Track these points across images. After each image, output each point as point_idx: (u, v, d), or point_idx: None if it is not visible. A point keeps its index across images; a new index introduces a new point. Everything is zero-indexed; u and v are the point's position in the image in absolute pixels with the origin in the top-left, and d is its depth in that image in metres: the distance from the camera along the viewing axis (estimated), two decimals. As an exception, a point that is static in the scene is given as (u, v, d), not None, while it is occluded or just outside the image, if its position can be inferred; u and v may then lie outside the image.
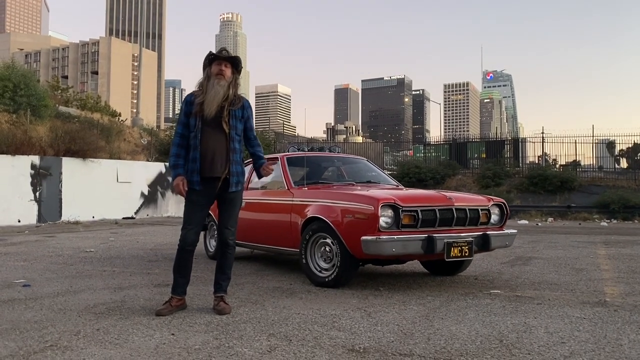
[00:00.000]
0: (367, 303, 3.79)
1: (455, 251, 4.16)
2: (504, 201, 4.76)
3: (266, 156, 5.13)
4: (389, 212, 4.08)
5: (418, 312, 3.50)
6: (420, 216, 4.16)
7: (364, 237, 4.01)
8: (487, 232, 4.42)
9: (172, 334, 2.91)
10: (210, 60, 3.54)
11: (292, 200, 4.94)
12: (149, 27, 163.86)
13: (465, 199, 4.56)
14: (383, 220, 4.04)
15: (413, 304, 3.76)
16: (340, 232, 4.25)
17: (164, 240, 8.87)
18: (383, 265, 4.90)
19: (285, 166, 5.37)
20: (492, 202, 4.64)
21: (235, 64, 3.56)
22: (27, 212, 13.10)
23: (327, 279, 4.38)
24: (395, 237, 4.01)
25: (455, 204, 4.33)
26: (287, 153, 5.75)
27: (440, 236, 4.11)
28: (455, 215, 4.30)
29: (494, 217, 4.65)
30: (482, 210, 4.52)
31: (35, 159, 13.51)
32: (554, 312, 3.53)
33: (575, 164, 23.05)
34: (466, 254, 4.24)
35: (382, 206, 4.03)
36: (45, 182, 13.64)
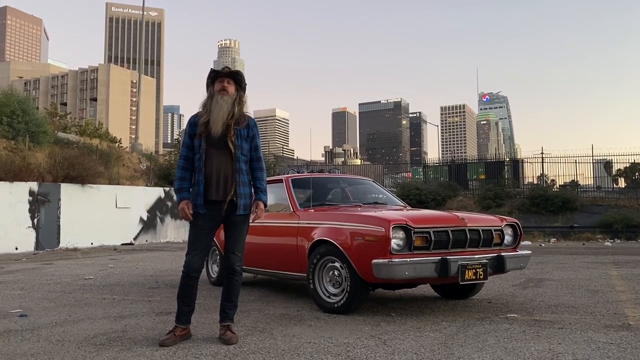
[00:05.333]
0: (380, 330, 3.62)
1: (469, 274, 4.01)
2: (517, 221, 4.62)
3: (268, 178, 5.02)
4: (401, 234, 3.94)
5: (435, 339, 3.33)
6: (432, 238, 4.01)
7: (375, 261, 3.86)
8: (502, 254, 4.27)
9: (178, 367, 2.74)
10: (213, 78, 3.44)
11: (298, 223, 4.79)
12: (148, 54, 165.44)
13: (477, 219, 4.42)
14: (395, 243, 3.89)
15: (428, 330, 3.59)
16: (349, 256, 4.09)
17: (164, 266, 8.67)
18: (394, 289, 4.73)
19: (290, 188, 5.23)
20: (505, 222, 4.50)
21: (238, 80, 3.45)
22: (24, 239, 12.89)
23: (336, 305, 4.21)
24: (408, 260, 3.86)
25: (468, 225, 4.19)
26: (292, 174, 5.61)
27: (454, 258, 3.96)
28: (468, 236, 4.16)
29: (508, 238, 4.51)
30: (495, 230, 4.38)
31: (34, 185, 13.36)
32: (577, 337, 3.36)
33: (575, 184, 22.96)
34: (481, 277, 4.08)
35: (393, 228, 3.88)
36: (43, 209, 13.47)
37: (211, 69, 3.47)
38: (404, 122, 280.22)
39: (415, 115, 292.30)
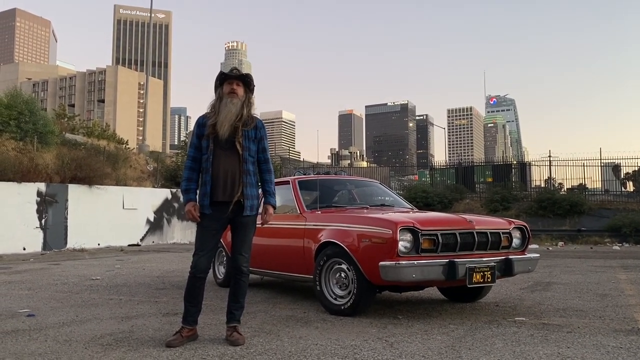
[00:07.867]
0: (387, 332, 3.60)
1: (477, 277, 3.98)
2: (526, 224, 4.59)
3: (275, 180, 5.01)
4: (408, 236, 3.92)
5: (442, 342, 3.31)
6: (440, 240, 3.99)
7: (382, 263, 3.84)
8: (510, 257, 4.24)
9: (184, 368, 2.74)
10: (222, 80, 3.45)
11: (305, 225, 4.78)
12: (155, 55, 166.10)
13: (485, 222, 4.39)
14: (402, 245, 3.88)
15: (436, 333, 3.57)
16: (356, 258, 4.08)
17: (170, 267, 8.69)
18: (401, 292, 4.71)
19: (297, 189, 5.22)
20: (513, 226, 4.47)
21: (247, 82, 3.45)
22: (32, 240, 12.97)
23: (343, 307, 4.20)
24: (415, 262, 3.84)
25: (476, 228, 4.17)
26: (298, 176, 5.61)
27: (461, 261, 3.94)
28: (476, 239, 4.13)
29: (516, 241, 4.48)
30: (503, 233, 4.35)
31: (42, 186, 13.44)
32: (586, 341, 3.33)
33: (583, 187, 22.82)
34: (489, 280, 4.06)
35: (400, 230, 3.87)
36: (51, 209, 13.54)
37: (221, 71, 3.49)
38: (411, 124, 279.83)
39: (422, 117, 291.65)
